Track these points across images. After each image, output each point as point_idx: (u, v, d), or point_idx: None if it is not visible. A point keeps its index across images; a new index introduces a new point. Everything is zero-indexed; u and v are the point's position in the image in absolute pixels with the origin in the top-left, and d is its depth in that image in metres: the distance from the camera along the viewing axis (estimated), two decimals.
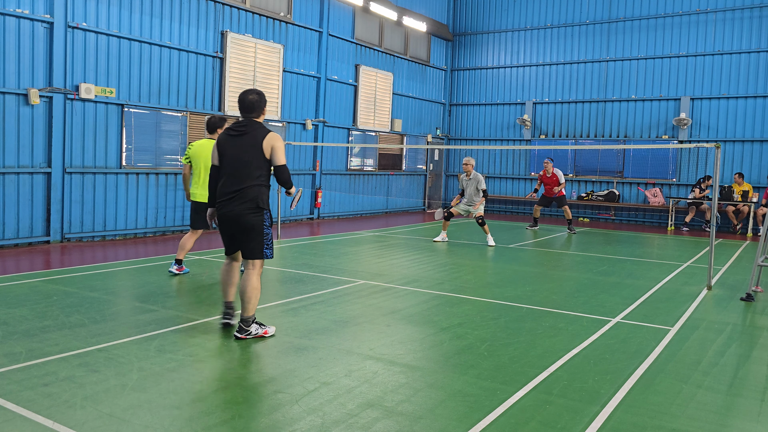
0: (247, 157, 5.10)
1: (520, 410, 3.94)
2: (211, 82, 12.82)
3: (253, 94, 5.25)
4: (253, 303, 5.25)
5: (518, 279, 8.54)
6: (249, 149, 5.11)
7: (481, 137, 20.75)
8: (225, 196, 5.15)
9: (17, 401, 3.82)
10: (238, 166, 5.10)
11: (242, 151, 5.12)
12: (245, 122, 5.26)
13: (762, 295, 7.82)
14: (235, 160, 5.13)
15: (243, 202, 5.08)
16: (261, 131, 5.18)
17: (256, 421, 3.67)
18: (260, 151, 5.11)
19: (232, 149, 5.15)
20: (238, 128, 5.22)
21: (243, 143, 5.13)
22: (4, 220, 9.74)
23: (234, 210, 5.10)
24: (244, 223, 5.13)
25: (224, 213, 5.17)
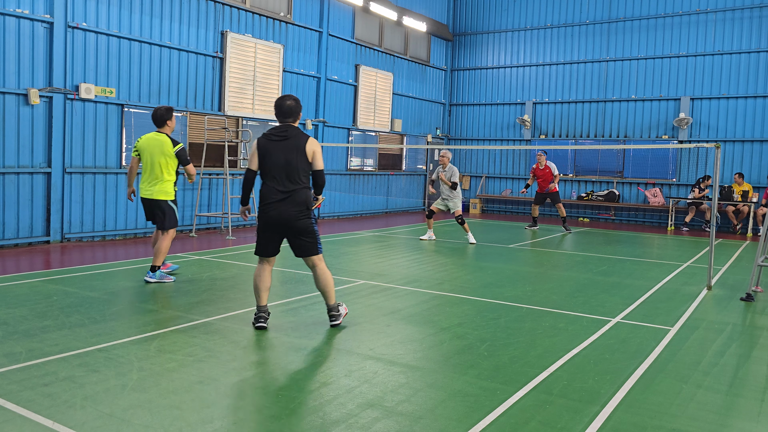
0: (294, 161, 5.29)
1: (520, 410, 3.94)
2: (211, 82, 12.82)
3: (291, 100, 5.40)
4: (332, 292, 5.67)
5: (518, 279, 8.54)
6: (295, 153, 5.30)
7: (481, 137, 20.75)
8: (273, 199, 5.30)
9: (17, 401, 3.82)
10: (288, 170, 5.28)
11: (289, 154, 5.29)
12: (285, 127, 5.42)
13: (762, 295, 7.82)
14: (282, 164, 5.29)
15: (295, 205, 5.30)
16: (302, 136, 5.39)
17: (255, 421, 3.67)
18: (304, 155, 5.34)
19: (277, 153, 5.30)
20: (279, 133, 5.37)
21: (288, 147, 5.30)
22: (4, 220, 9.74)
23: (286, 213, 5.29)
24: (298, 226, 5.35)
25: (274, 215, 5.31)
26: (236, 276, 8.04)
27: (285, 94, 5.45)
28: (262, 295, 5.55)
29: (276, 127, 5.47)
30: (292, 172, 5.30)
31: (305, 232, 5.41)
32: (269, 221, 5.35)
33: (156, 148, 7.30)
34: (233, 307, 6.35)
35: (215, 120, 12.98)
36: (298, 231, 5.38)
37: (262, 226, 5.43)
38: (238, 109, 13.40)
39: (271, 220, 5.33)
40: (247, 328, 5.63)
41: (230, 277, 7.97)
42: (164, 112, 7.36)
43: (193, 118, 12.51)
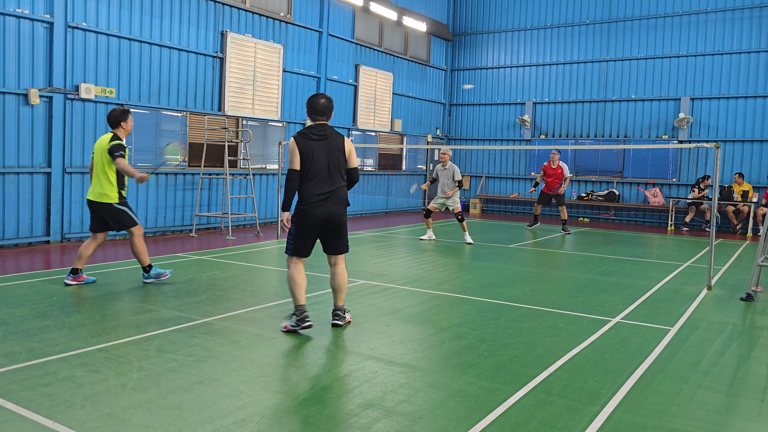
0: (336, 160, 5.37)
1: (520, 410, 3.94)
2: (211, 82, 12.82)
3: (324, 98, 5.44)
4: (345, 293, 5.78)
5: (518, 279, 8.54)
6: (336, 152, 5.37)
7: (481, 137, 20.75)
8: (317, 198, 5.32)
9: (17, 401, 3.82)
10: (331, 169, 5.34)
11: (331, 154, 5.35)
12: (323, 126, 5.44)
13: (762, 295, 7.82)
14: (326, 163, 5.33)
15: (338, 203, 5.39)
16: (338, 135, 5.47)
17: (255, 421, 3.67)
18: (344, 154, 5.44)
19: (320, 153, 5.32)
20: (318, 132, 5.38)
21: (330, 146, 5.34)
22: (4, 220, 9.74)
23: (331, 210, 5.36)
24: (340, 222, 5.46)
25: (318, 213, 5.34)
26: (236, 276, 8.04)
27: (318, 93, 5.45)
28: (303, 293, 5.49)
29: (313, 126, 5.45)
30: (334, 171, 5.36)
31: (344, 228, 5.54)
32: (313, 221, 5.36)
33: (99, 147, 7.02)
34: (233, 307, 6.35)
35: (215, 120, 12.98)
36: (338, 227, 5.48)
37: (302, 225, 5.40)
38: (238, 109, 13.40)
39: (316, 219, 5.35)
40: (248, 328, 5.63)
41: (230, 277, 7.96)
42: (119, 114, 7.10)
43: (193, 118, 12.51)
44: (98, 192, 7.00)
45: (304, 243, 5.45)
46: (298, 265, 5.51)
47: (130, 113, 7.24)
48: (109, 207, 7.04)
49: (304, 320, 5.42)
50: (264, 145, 14.40)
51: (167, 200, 12.07)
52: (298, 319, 5.42)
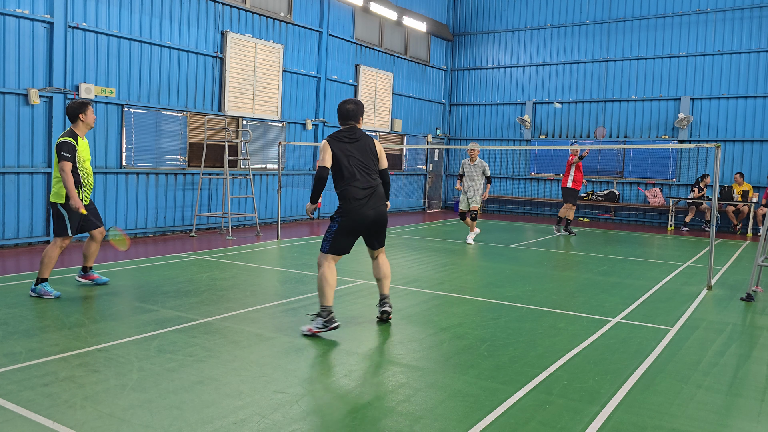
0: (369, 161, 5.60)
1: (520, 410, 3.94)
2: (211, 82, 12.82)
3: (351, 104, 5.65)
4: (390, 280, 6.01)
5: (518, 279, 8.54)
6: (368, 153, 5.60)
7: (481, 137, 20.75)
8: (362, 197, 5.47)
9: (17, 401, 3.82)
10: (367, 169, 5.55)
11: (365, 155, 5.58)
12: (353, 129, 5.65)
13: (762, 295, 7.82)
14: (362, 163, 5.55)
15: (380, 200, 5.59)
16: (368, 137, 5.70)
17: (255, 421, 3.67)
18: (376, 155, 5.69)
19: (355, 154, 5.53)
20: (351, 135, 5.59)
21: (363, 148, 5.58)
22: (4, 220, 9.74)
23: (378, 208, 5.55)
24: (384, 218, 5.69)
25: (366, 211, 5.48)
26: (236, 276, 8.04)
27: (347, 99, 5.72)
28: (333, 294, 5.50)
29: (344, 130, 5.64)
30: (371, 171, 5.57)
31: (386, 223, 5.77)
32: (364, 219, 5.50)
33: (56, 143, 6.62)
34: (233, 307, 6.35)
35: (215, 120, 12.98)
36: (383, 223, 5.70)
37: (350, 225, 5.48)
38: (238, 109, 13.40)
39: (368, 218, 5.50)
40: (248, 328, 5.63)
41: (230, 277, 7.96)
42: (77, 106, 6.63)
43: (193, 118, 12.51)
44: (53, 191, 6.64)
45: (348, 242, 5.55)
46: (332, 265, 5.53)
47: (89, 105, 6.74)
48: (54, 206, 6.63)
49: (332, 321, 5.40)
50: (264, 145, 14.40)
51: (167, 200, 12.07)
52: (325, 320, 5.38)
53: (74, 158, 6.60)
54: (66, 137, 6.57)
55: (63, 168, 6.43)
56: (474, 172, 12.08)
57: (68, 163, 6.49)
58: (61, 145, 6.50)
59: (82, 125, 6.75)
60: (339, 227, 5.49)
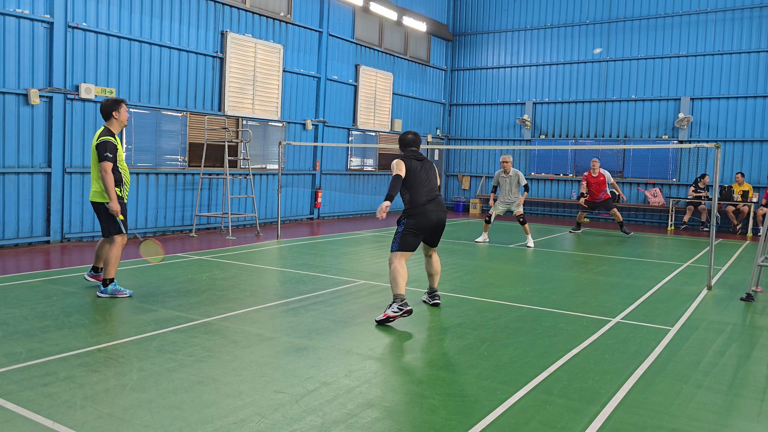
0: (433, 177, 6.58)
1: (520, 410, 3.94)
2: (211, 82, 12.82)
3: (411, 134, 6.66)
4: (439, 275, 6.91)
5: (518, 279, 8.54)
6: (432, 172, 6.61)
7: (481, 137, 20.75)
8: (430, 204, 6.34)
9: (17, 401, 3.82)
10: (432, 183, 6.52)
11: (429, 172, 6.55)
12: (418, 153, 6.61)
13: (762, 295, 7.82)
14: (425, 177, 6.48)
15: (441, 207, 6.48)
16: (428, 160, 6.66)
17: (255, 421, 3.67)
18: (436, 174, 6.70)
19: (424, 171, 6.48)
20: (418, 156, 6.57)
21: (426, 166, 6.56)
22: (4, 220, 9.74)
23: (439, 213, 6.40)
24: (443, 222, 6.50)
25: (435, 218, 6.34)
26: (236, 276, 8.04)
27: (407, 131, 6.69)
28: (404, 284, 6.08)
29: (413, 152, 6.59)
30: (435, 184, 6.56)
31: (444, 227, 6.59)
32: (430, 222, 6.32)
33: (93, 142, 6.55)
34: (233, 307, 6.35)
35: (215, 120, 12.98)
36: (443, 226, 6.52)
37: (419, 226, 6.27)
38: (238, 109, 13.40)
39: (433, 222, 6.34)
40: (248, 328, 5.64)
41: (230, 277, 7.96)
42: (111, 104, 6.57)
43: (193, 118, 12.51)
44: (93, 190, 6.59)
45: (414, 240, 6.29)
46: (402, 260, 6.20)
47: (123, 102, 6.70)
48: (101, 207, 6.59)
49: (406, 305, 5.91)
50: (264, 145, 14.40)
51: (167, 200, 12.07)
52: (399, 305, 5.88)
53: (115, 158, 6.55)
54: (106, 136, 6.48)
55: (105, 168, 6.39)
56: (510, 183, 12.09)
57: (110, 163, 6.43)
58: (104, 144, 6.41)
59: (116, 123, 6.68)
60: (405, 228, 6.26)
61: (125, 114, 6.73)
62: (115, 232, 6.63)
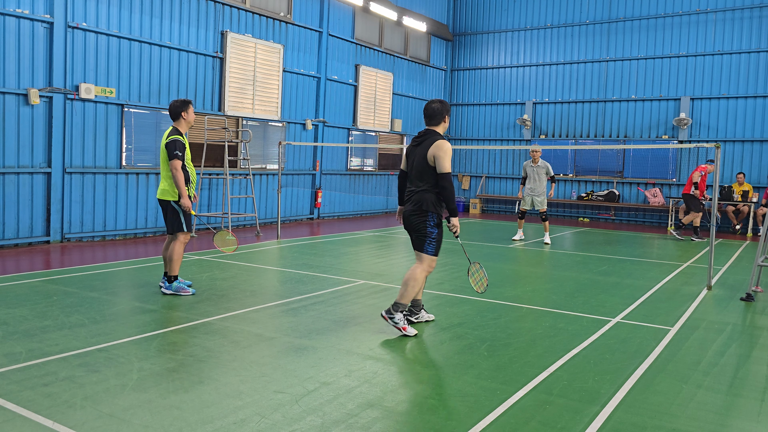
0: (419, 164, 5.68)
1: (520, 410, 3.94)
2: (211, 82, 12.82)
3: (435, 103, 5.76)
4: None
5: (518, 279, 8.54)
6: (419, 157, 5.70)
7: (481, 137, 20.75)
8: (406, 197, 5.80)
9: (17, 401, 3.82)
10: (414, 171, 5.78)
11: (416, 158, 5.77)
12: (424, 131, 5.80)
13: (762, 295, 7.82)
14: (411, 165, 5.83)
15: (411, 204, 5.71)
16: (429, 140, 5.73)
17: (255, 421, 3.67)
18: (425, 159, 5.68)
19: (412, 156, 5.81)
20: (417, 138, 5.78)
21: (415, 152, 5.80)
22: (4, 220, 9.74)
23: (406, 209, 5.75)
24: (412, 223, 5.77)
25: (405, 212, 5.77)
26: (236, 276, 8.04)
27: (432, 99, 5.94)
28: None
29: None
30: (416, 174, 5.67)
31: (419, 232, 5.67)
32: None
33: (162, 141, 6.75)
34: (233, 307, 6.35)
35: (215, 120, 12.98)
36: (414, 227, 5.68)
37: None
38: (238, 109, 13.40)
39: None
40: (248, 328, 5.63)
41: (230, 277, 7.96)
42: (180, 104, 6.80)
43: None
44: (162, 188, 6.76)
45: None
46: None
47: (191, 104, 6.93)
48: (168, 205, 6.75)
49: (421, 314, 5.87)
50: (264, 145, 14.40)
51: None
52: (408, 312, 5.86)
53: (184, 156, 6.69)
54: (175, 135, 6.66)
55: (175, 166, 6.56)
56: (537, 173, 12.44)
57: (179, 161, 6.61)
58: (174, 143, 6.60)
59: (184, 123, 6.87)
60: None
61: (192, 114, 6.95)
62: (179, 229, 6.81)
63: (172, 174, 6.61)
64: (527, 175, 12.60)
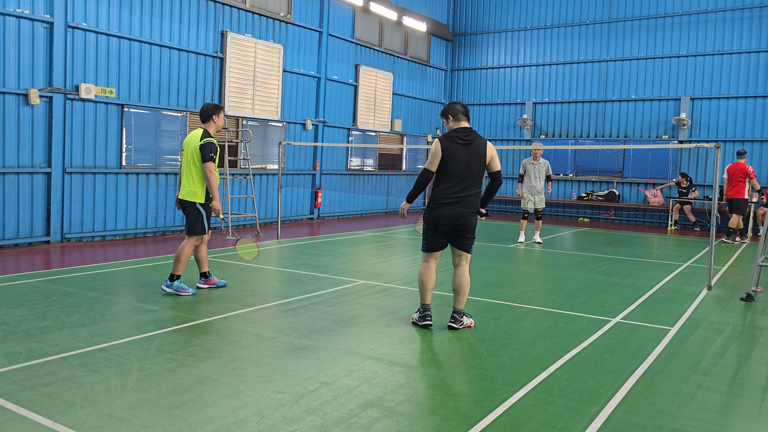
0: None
1: (520, 410, 3.94)
2: (211, 82, 12.82)
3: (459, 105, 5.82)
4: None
5: (518, 279, 8.54)
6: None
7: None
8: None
9: (17, 401, 3.82)
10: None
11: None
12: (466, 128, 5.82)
13: (762, 295, 7.82)
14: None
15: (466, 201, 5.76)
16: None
17: (255, 420, 3.67)
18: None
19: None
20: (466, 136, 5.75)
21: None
22: (4, 220, 9.74)
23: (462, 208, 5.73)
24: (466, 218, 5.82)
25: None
26: (236, 276, 8.04)
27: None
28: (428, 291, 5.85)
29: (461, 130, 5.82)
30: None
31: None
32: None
33: (190, 143, 6.78)
34: (233, 307, 6.35)
35: None
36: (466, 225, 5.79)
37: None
38: (238, 109, 13.40)
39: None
40: (248, 328, 5.63)
41: (230, 277, 7.96)
42: (211, 108, 6.88)
43: (193, 118, 12.51)
44: (188, 190, 6.75)
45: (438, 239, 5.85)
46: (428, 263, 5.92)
47: (222, 108, 7.01)
48: (192, 206, 6.77)
49: (427, 317, 5.83)
50: (264, 145, 14.40)
51: (167, 200, 12.06)
52: (421, 314, 5.85)
53: (216, 159, 6.75)
54: (209, 138, 6.73)
55: (210, 168, 6.63)
56: (538, 171, 12.30)
57: (213, 163, 6.67)
58: (208, 145, 6.65)
59: (214, 126, 6.93)
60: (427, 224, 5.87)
61: (223, 119, 7.03)
62: (201, 231, 6.84)
63: (206, 176, 6.66)
64: (526, 172, 12.42)
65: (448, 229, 5.67)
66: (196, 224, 6.80)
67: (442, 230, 5.67)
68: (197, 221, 6.80)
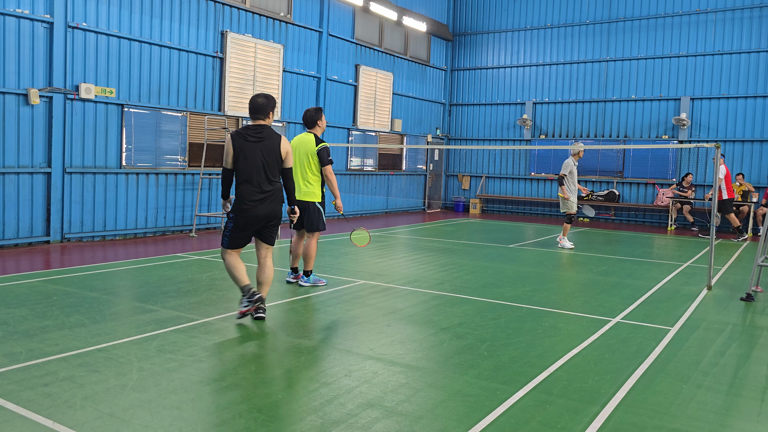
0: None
1: (520, 410, 3.94)
2: (211, 82, 12.82)
3: (261, 98, 5.92)
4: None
5: (518, 279, 8.54)
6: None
7: (481, 137, 20.75)
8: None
9: (17, 401, 3.82)
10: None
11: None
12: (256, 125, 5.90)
13: (762, 295, 7.82)
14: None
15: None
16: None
17: (256, 421, 3.67)
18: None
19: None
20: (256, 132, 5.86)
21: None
22: (4, 220, 9.74)
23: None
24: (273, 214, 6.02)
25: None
26: None
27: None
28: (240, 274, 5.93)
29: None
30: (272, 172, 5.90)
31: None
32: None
33: (302, 148, 7.28)
34: (233, 307, 6.35)
35: (215, 120, 12.98)
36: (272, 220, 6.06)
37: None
38: (238, 109, 13.40)
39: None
40: (248, 327, 5.63)
41: (230, 276, 7.94)
42: (314, 113, 7.37)
43: (193, 118, 12.51)
44: (303, 191, 7.24)
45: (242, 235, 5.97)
46: (231, 256, 5.99)
47: (323, 110, 7.54)
48: (313, 205, 7.30)
49: (254, 294, 5.79)
50: None
51: (167, 200, 12.07)
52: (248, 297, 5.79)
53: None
54: (324, 143, 7.29)
55: (330, 171, 7.31)
56: (575, 172, 11.78)
57: (331, 166, 7.33)
58: (326, 149, 7.29)
59: (319, 129, 7.46)
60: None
61: (325, 121, 7.52)
62: (322, 227, 7.40)
63: (327, 178, 7.31)
64: (570, 173, 11.69)
65: (261, 227, 5.84)
66: (318, 221, 7.36)
67: (252, 229, 5.82)
68: (319, 218, 7.36)
